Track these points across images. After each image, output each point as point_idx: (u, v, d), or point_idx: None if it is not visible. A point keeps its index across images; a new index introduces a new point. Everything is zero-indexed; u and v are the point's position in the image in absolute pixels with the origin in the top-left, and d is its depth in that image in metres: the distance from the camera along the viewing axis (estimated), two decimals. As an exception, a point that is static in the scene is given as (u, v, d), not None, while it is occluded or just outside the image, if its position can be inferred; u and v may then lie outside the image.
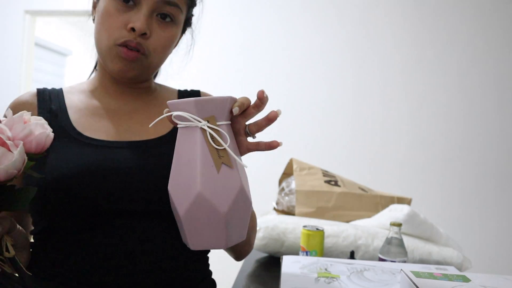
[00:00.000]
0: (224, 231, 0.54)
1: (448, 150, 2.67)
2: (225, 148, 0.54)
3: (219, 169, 0.53)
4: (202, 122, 0.54)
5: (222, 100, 0.55)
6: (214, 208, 0.53)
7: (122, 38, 0.69)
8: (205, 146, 0.53)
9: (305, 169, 1.43)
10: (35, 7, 3.14)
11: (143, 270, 0.65)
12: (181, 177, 0.55)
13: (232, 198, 0.54)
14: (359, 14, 2.77)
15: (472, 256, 2.55)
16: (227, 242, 0.55)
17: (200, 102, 0.53)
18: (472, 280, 0.63)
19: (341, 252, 1.10)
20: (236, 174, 0.55)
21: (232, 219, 0.54)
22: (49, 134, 0.55)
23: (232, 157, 0.55)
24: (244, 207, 0.56)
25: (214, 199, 0.53)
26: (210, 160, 0.53)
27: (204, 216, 0.53)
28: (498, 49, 2.64)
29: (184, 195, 0.54)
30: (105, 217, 0.65)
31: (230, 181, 0.54)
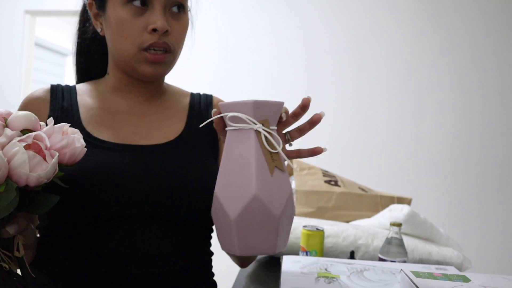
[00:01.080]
0: (276, 235, 0.53)
1: (448, 150, 2.67)
2: (278, 151, 0.54)
3: (272, 172, 0.53)
4: (258, 124, 0.54)
5: (278, 105, 0.56)
6: (269, 211, 0.52)
7: (147, 41, 0.69)
8: (259, 148, 0.53)
9: (305, 169, 1.43)
10: (35, 7, 3.14)
11: (145, 273, 0.65)
12: (233, 179, 0.54)
13: (285, 201, 0.54)
14: (361, 15, 2.77)
15: (472, 256, 2.55)
16: (277, 247, 0.54)
17: (259, 105, 0.54)
18: (472, 280, 0.63)
19: (341, 252, 1.10)
20: (287, 177, 0.55)
21: (283, 223, 0.54)
22: (83, 148, 0.56)
23: (284, 161, 0.55)
24: (291, 212, 0.56)
25: (269, 202, 0.52)
26: (264, 163, 0.53)
27: (258, 219, 0.52)
28: (500, 49, 2.64)
29: (237, 197, 0.53)
30: (106, 219, 0.65)
31: (282, 184, 0.54)
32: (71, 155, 0.54)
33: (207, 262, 0.77)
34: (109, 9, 0.71)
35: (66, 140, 0.53)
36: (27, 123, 0.53)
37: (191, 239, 0.71)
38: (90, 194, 0.64)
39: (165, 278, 0.67)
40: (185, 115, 0.79)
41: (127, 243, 0.65)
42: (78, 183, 0.63)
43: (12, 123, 0.52)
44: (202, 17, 2.93)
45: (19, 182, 0.49)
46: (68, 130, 0.56)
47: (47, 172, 0.49)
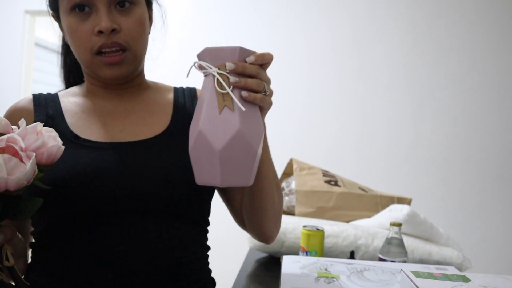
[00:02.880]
0: (218, 168, 0.57)
1: (448, 150, 2.67)
2: (228, 91, 0.57)
3: (221, 111, 0.57)
4: (213, 68, 0.58)
5: (232, 49, 0.59)
6: (210, 144, 0.57)
7: (96, 44, 0.68)
8: (213, 90, 0.58)
9: (305, 169, 1.43)
10: (35, 7, 3.13)
11: (141, 269, 0.66)
12: (193, 118, 0.61)
13: (228, 137, 0.57)
14: (361, 15, 2.77)
15: (472, 256, 2.54)
16: (222, 180, 0.58)
17: (211, 51, 0.59)
18: (472, 280, 0.63)
19: (341, 252, 1.10)
20: (236, 117, 0.57)
21: (228, 158, 0.57)
22: (60, 146, 0.55)
23: (235, 101, 0.58)
24: (243, 151, 0.58)
25: (212, 137, 0.57)
26: (215, 102, 0.58)
27: (203, 153, 0.58)
28: (499, 49, 2.64)
29: (192, 133, 0.60)
30: (102, 217, 0.65)
31: (229, 122, 0.57)
32: (49, 155, 0.53)
33: (203, 257, 0.77)
34: (61, 18, 0.71)
35: (41, 139, 0.52)
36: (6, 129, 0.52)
37: (186, 233, 0.71)
38: (83, 194, 0.64)
39: (162, 273, 0.67)
40: (171, 109, 0.78)
41: (120, 239, 0.65)
42: (71, 185, 0.64)
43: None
44: (202, 17, 2.93)
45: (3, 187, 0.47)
46: (42, 130, 0.55)
47: (26, 174, 0.48)
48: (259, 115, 0.62)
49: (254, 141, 0.59)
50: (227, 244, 2.39)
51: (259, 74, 0.59)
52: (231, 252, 1.91)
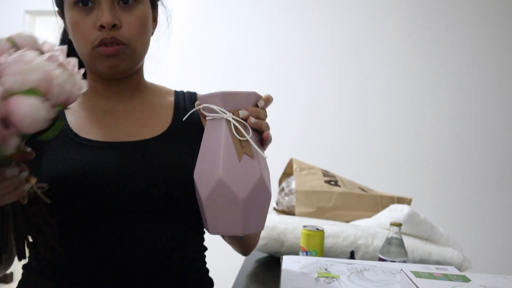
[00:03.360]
0: (242, 217, 0.57)
1: (448, 150, 2.67)
2: (248, 139, 0.57)
3: (240, 158, 0.57)
4: (228, 114, 0.57)
5: (247, 94, 0.59)
6: (234, 194, 0.56)
7: (97, 38, 0.68)
8: (229, 136, 0.57)
9: (305, 169, 1.43)
10: (35, 7, 3.14)
11: (140, 269, 0.66)
12: (205, 164, 0.59)
13: (252, 186, 0.56)
14: (361, 15, 2.77)
15: (472, 256, 2.54)
16: (244, 229, 0.57)
17: (227, 95, 0.58)
18: (472, 280, 0.63)
19: (341, 252, 1.10)
20: (257, 164, 0.58)
21: (250, 207, 0.57)
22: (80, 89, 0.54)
23: (254, 148, 0.58)
24: (263, 197, 0.59)
25: (234, 186, 0.56)
26: (233, 149, 0.57)
27: (223, 202, 0.57)
28: (499, 49, 2.64)
29: (207, 181, 0.58)
30: (100, 217, 0.65)
31: (250, 170, 0.57)
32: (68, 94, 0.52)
33: (200, 257, 0.77)
34: (65, 14, 0.72)
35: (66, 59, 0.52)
36: (35, 45, 0.51)
37: (184, 233, 0.72)
38: (82, 193, 0.64)
39: (160, 273, 0.67)
40: (171, 111, 0.79)
41: (118, 239, 0.66)
42: (70, 183, 0.64)
43: (20, 43, 0.51)
44: (202, 17, 2.94)
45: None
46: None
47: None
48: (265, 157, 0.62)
49: (269, 185, 0.60)
50: (226, 244, 2.39)
51: (266, 116, 0.61)
52: (231, 252, 1.91)
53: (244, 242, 0.80)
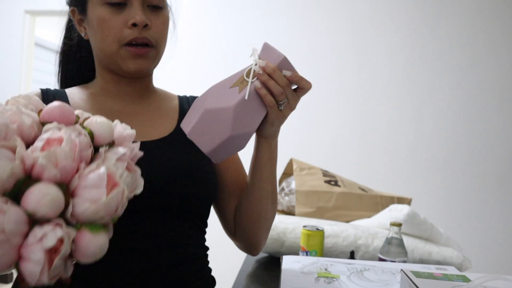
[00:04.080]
0: (196, 123, 0.64)
1: (448, 150, 2.67)
2: (246, 80, 0.63)
3: (231, 86, 0.64)
4: (255, 58, 0.64)
5: (277, 54, 0.64)
6: (203, 102, 0.64)
7: (128, 37, 0.71)
8: (242, 71, 0.65)
9: (305, 169, 1.43)
10: (35, 7, 3.14)
11: (144, 266, 0.67)
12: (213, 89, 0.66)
13: (219, 106, 0.62)
14: (361, 15, 2.77)
15: (472, 256, 2.54)
16: (190, 132, 0.64)
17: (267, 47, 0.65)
18: (472, 280, 0.63)
19: (341, 252, 1.10)
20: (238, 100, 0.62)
21: (206, 122, 0.63)
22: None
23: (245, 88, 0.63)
24: (223, 126, 0.63)
25: (210, 97, 0.64)
26: (234, 79, 0.64)
27: (198, 107, 0.65)
28: (499, 49, 2.64)
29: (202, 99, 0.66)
30: None
31: (229, 98, 0.63)
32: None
33: (203, 256, 0.79)
34: (90, 11, 0.73)
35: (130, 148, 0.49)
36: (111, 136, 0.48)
37: (187, 232, 0.73)
38: None
39: (164, 270, 0.69)
40: (177, 114, 0.82)
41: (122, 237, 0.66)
42: None
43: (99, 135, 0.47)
44: (201, 17, 2.93)
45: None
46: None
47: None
48: (258, 117, 0.65)
49: (236, 127, 0.63)
50: (227, 244, 2.38)
51: (285, 88, 0.63)
52: (231, 252, 1.91)
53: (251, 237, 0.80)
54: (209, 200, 0.78)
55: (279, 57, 0.63)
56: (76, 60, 0.85)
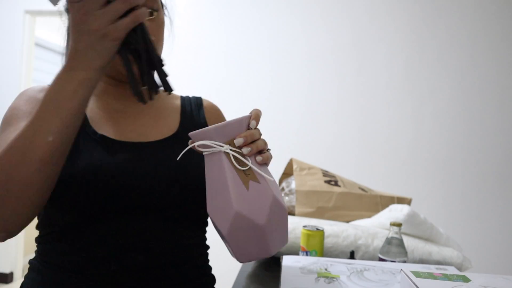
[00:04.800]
0: (266, 240, 0.58)
1: (448, 150, 2.67)
2: (250, 166, 0.58)
3: (248, 187, 0.58)
4: (225, 146, 0.58)
5: (238, 121, 0.59)
6: (253, 222, 0.57)
7: None
8: (231, 168, 0.58)
9: (305, 169, 1.43)
10: (35, 7, 3.14)
11: (145, 264, 0.68)
12: (216, 201, 0.59)
13: (267, 209, 0.57)
14: (361, 15, 2.77)
15: (472, 256, 2.55)
16: (271, 250, 0.59)
17: (218, 128, 0.58)
18: (472, 280, 0.63)
19: (341, 252, 1.10)
20: (265, 186, 0.58)
21: (272, 229, 0.58)
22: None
23: (258, 173, 0.59)
24: (280, 215, 0.60)
25: (251, 215, 0.57)
26: (239, 180, 0.58)
27: (245, 232, 0.58)
28: (499, 49, 2.64)
29: (224, 216, 0.58)
30: (110, 212, 0.67)
31: (261, 195, 0.58)
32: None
33: (204, 255, 0.80)
34: None
35: None
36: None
37: (188, 231, 0.74)
38: (97, 189, 0.65)
39: (164, 268, 0.69)
40: (178, 114, 0.82)
41: (123, 235, 0.67)
42: (85, 178, 0.65)
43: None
44: (201, 17, 2.93)
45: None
46: None
47: None
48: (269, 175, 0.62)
49: (282, 199, 0.60)
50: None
51: (261, 134, 0.61)
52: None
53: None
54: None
55: (242, 121, 0.59)
56: None
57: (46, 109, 0.55)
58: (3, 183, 0.55)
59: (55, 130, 0.55)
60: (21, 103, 0.70)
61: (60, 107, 0.55)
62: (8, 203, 0.56)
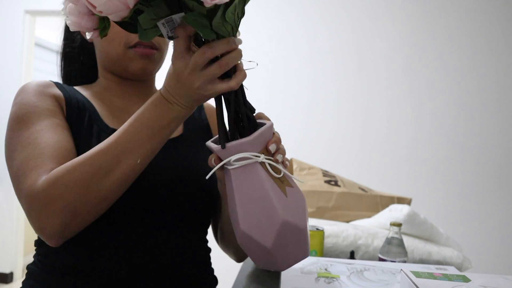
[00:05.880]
0: (307, 241, 0.59)
1: (448, 150, 2.67)
2: (284, 172, 0.58)
3: (286, 193, 0.57)
4: (261, 156, 0.57)
5: (269, 128, 0.58)
6: (298, 227, 0.57)
7: (134, 40, 0.72)
8: (269, 178, 0.57)
9: (305, 169, 1.43)
10: (35, 7, 3.14)
11: (152, 265, 0.68)
12: (255, 215, 0.57)
13: (306, 211, 0.58)
14: (361, 15, 2.77)
15: (472, 256, 2.54)
16: (309, 250, 0.60)
17: (256, 138, 0.56)
18: (472, 280, 0.63)
19: (341, 252, 1.10)
20: (298, 189, 0.59)
21: (308, 228, 0.60)
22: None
23: (291, 178, 0.59)
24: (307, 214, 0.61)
25: (296, 220, 0.57)
26: (278, 188, 0.57)
27: (291, 239, 0.57)
28: (499, 49, 2.64)
29: (268, 228, 0.56)
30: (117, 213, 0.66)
31: (298, 199, 0.58)
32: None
33: (206, 256, 0.80)
34: None
35: None
36: None
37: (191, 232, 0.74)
38: None
39: (170, 269, 0.70)
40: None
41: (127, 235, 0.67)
42: None
43: None
44: None
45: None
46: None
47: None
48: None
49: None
50: (227, 244, 2.39)
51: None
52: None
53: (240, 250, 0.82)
54: (213, 202, 0.78)
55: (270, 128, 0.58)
56: (79, 62, 0.85)
57: (140, 133, 0.57)
58: (81, 195, 0.56)
59: (144, 154, 0.58)
60: (33, 99, 0.68)
61: (155, 134, 0.58)
62: (81, 214, 0.57)
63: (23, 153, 0.61)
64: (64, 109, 0.70)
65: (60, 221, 0.55)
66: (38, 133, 0.63)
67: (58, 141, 0.63)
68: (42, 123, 0.65)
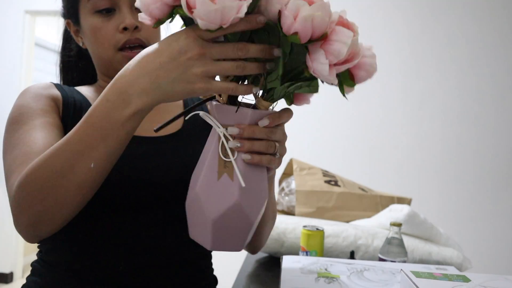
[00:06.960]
0: (210, 234, 0.54)
1: (448, 150, 2.67)
2: (231, 160, 0.52)
3: (219, 177, 0.53)
4: (220, 128, 0.52)
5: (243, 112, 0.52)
6: (204, 212, 0.53)
7: (121, 40, 0.72)
8: (216, 152, 0.53)
9: (305, 169, 1.43)
10: (35, 7, 3.14)
11: (152, 263, 0.68)
12: (194, 173, 0.56)
13: (224, 209, 0.52)
14: (361, 15, 2.77)
15: (472, 256, 2.55)
16: (212, 246, 0.55)
17: (220, 108, 0.52)
18: (472, 280, 0.63)
19: (341, 252, 1.10)
20: (236, 188, 0.53)
21: (221, 228, 0.54)
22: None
23: (236, 172, 0.53)
24: (239, 222, 0.54)
25: (206, 204, 0.53)
26: (216, 166, 0.53)
27: (197, 215, 0.55)
28: (497, 50, 2.64)
29: (190, 190, 0.56)
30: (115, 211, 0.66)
31: (227, 193, 0.53)
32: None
33: (207, 255, 0.80)
34: (82, 21, 0.75)
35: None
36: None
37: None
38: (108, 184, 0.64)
39: (170, 268, 0.70)
40: (182, 110, 0.83)
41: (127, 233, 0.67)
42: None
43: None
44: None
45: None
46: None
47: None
48: (263, 179, 0.55)
49: (252, 212, 0.54)
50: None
51: (270, 136, 0.53)
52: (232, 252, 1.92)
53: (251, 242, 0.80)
54: None
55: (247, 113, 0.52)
56: (78, 69, 0.86)
57: (91, 135, 0.51)
58: (40, 200, 0.53)
59: (98, 157, 0.52)
60: (29, 100, 0.69)
61: (108, 135, 0.50)
62: (45, 218, 0.55)
63: (12, 153, 0.61)
64: (60, 109, 0.71)
65: (27, 222, 0.55)
66: (27, 132, 0.64)
67: (46, 138, 0.63)
68: (33, 123, 0.66)
